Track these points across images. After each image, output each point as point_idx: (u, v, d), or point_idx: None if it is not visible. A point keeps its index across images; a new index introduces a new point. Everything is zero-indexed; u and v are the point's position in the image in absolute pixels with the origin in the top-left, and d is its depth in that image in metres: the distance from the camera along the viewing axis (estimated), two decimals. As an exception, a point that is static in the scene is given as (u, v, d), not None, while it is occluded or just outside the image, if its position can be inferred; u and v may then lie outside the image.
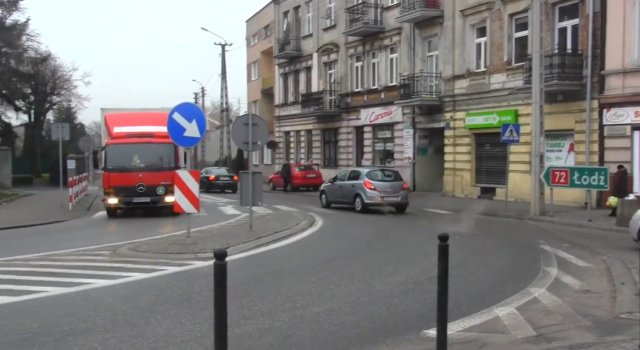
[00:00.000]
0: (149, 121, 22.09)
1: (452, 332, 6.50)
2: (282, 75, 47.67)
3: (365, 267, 11.03)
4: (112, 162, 20.87)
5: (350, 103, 38.48)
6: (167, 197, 20.27)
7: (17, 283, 9.43)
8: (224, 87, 52.64)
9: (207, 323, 7.00)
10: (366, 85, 36.92)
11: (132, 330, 6.84)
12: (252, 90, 57.04)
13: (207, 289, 8.83)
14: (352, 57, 38.29)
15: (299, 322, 7.19)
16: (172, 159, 21.08)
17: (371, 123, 36.33)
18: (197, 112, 13.94)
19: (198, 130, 13.58)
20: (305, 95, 42.40)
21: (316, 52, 41.80)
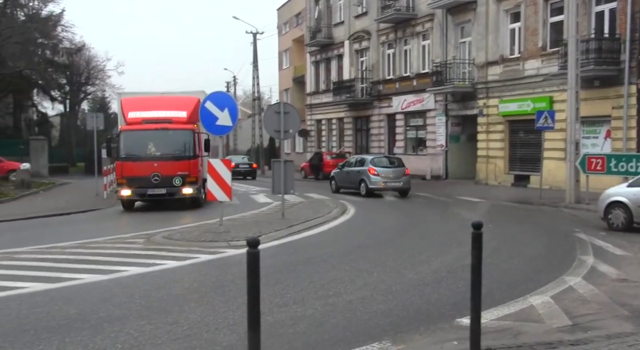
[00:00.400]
0: (166, 106, 20.51)
1: (486, 320, 6.44)
2: (313, 63, 47.59)
3: (398, 256, 10.99)
4: (125, 150, 19.52)
5: (382, 91, 38.26)
6: (185, 188, 19.26)
7: (54, 270, 9.61)
8: (256, 76, 52.70)
9: (240, 310, 7.05)
10: (398, 72, 36.65)
11: (167, 317, 6.92)
12: (284, 78, 57.09)
13: (239, 277, 8.89)
14: (383, 44, 38.01)
15: (331, 310, 7.19)
16: (190, 147, 19.53)
17: (403, 111, 36.09)
18: (229, 101, 13.99)
19: (230, 119, 13.64)
20: (336, 83, 42.28)
21: (348, 40, 41.60)
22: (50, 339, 6.09)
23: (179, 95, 21.29)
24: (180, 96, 21.15)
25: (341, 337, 6.19)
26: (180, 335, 6.23)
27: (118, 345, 5.89)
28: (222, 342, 6.02)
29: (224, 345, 5.92)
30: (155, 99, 21.30)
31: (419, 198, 23.59)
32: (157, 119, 19.80)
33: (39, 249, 11.89)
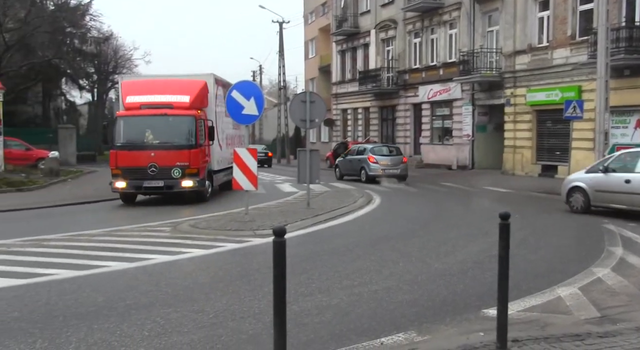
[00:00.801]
0: (167, 89, 18.63)
1: (513, 311, 6.37)
2: (339, 53, 47.42)
3: (423, 246, 10.93)
4: (120, 138, 17.91)
5: (408, 80, 38.01)
6: (185, 181, 17.68)
7: (82, 258, 9.73)
8: (282, 65, 52.72)
9: (266, 299, 7.07)
10: (424, 61, 36.37)
11: (193, 305, 6.96)
12: (310, 67, 57.02)
13: (265, 266, 8.94)
14: (410, 33, 37.72)
15: (356, 300, 7.18)
16: (192, 135, 17.77)
17: (429, 100, 35.84)
18: (256, 90, 13.99)
19: (256, 108, 13.65)
20: (362, 73, 42.11)
21: (374, 29, 41.36)
22: (78, 326, 6.16)
23: (184, 79, 19.65)
24: (184, 79, 19.50)
25: (367, 327, 6.17)
26: (206, 324, 6.26)
27: (145, 333, 5.95)
28: (247, 331, 6.04)
29: (250, 334, 5.95)
30: (157, 82, 19.42)
31: (444, 188, 23.44)
32: (156, 104, 18.09)
33: (67, 237, 12.04)
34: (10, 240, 11.55)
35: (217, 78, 20.40)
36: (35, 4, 39.24)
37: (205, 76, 19.61)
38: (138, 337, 5.81)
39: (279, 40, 51.67)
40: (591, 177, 15.55)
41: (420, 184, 25.15)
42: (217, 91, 20.01)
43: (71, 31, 42.60)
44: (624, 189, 14.51)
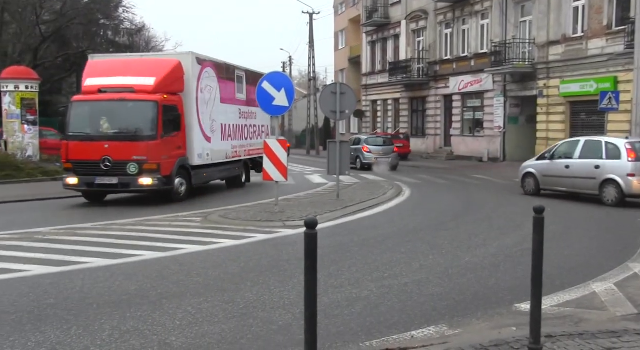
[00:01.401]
0: (131, 70, 16.16)
1: (546, 306, 6.26)
2: (369, 44, 47.17)
3: (454, 238, 10.83)
4: (73, 126, 15.64)
5: (438, 71, 37.68)
6: (143, 178, 15.14)
7: (115, 247, 9.83)
8: (312, 56, 52.61)
9: (296, 291, 7.06)
10: (455, 52, 35.99)
11: (223, 295, 6.99)
12: (340, 59, 56.82)
13: (295, 257, 8.95)
14: (441, 24, 37.34)
15: (387, 292, 7.13)
16: (152, 124, 15.19)
17: (460, 91, 35.49)
18: (286, 81, 13.96)
19: (287, 99, 13.63)
20: (392, 64, 41.85)
21: (404, 20, 41.04)
22: (111, 314, 6.23)
23: (154, 58, 17.66)
24: (153, 59, 17.40)
25: (397, 319, 6.13)
26: (237, 314, 6.28)
27: (176, 322, 5.98)
28: (277, 322, 6.04)
29: (280, 325, 5.94)
30: (121, 63, 17.12)
31: (475, 180, 23.21)
32: (116, 87, 15.71)
33: (100, 226, 12.19)
34: (46, 228, 11.73)
35: (202, 58, 17.46)
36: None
37: (182, 55, 17.04)
38: (170, 326, 5.85)
39: (309, 32, 51.61)
40: (540, 164, 17.78)
41: (451, 176, 24.94)
42: (202, 73, 17.16)
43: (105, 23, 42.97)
44: (565, 174, 16.77)
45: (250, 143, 21.12)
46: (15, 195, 17.36)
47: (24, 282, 7.54)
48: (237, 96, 19.92)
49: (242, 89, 20.28)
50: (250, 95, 20.21)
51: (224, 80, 18.80)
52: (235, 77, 19.85)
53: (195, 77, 16.84)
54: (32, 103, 25.68)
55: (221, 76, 18.58)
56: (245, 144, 20.67)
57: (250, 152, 21.13)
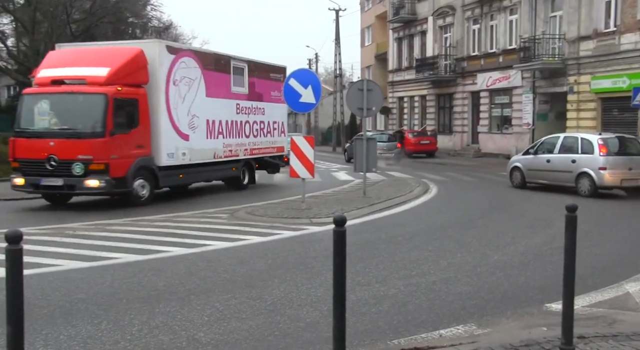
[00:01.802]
0: (86, 60, 14.77)
1: (578, 307, 6.16)
2: (396, 40, 46.95)
3: (482, 236, 10.73)
4: (23, 121, 14.51)
5: (466, 67, 37.36)
6: (89, 179, 13.68)
7: (144, 242, 9.93)
8: (338, 53, 52.51)
9: (323, 288, 7.06)
10: (483, 48, 35.64)
11: (251, 292, 7.00)
12: (366, 55, 56.64)
13: (322, 254, 8.94)
14: (469, 19, 37.01)
15: (414, 290, 7.09)
16: (99, 120, 13.78)
17: (488, 88, 35.15)
18: (313, 78, 13.94)
19: (313, 96, 13.61)
20: (419, 60, 41.61)
21: (431, 16, 40.75)
22: (141, 309, 6.28)
23: (112, 46, 16.19)
24: (111, 47, 16.02)
25: (425, 318, 6.08)
26: (264, 311, 6.29)
27: (205, 318, 6.01)
28: (305, 319, 6.04)
29: (307, 322, 5.94)
30: (80, 52, 15.70)
31: (503, 178, 22.93)
32: (69, 79, 14.46)
33: (129, 221, 12.33)
34: (76, 223, 11.90)
35: (176, 47, 16.57)
36: (99, -5, 40.14)
37: (147, 43, 15.77)
38: (198, 322, 5.88)
39: (335, 28, 51.48)
40: (525, 158, 19.21)
41: (478, 174, 24.73)
42: (175, 64, 15.47)
43: (133, 21, 43.40)
44: (546, 167, 18.18)
45: (256, 141, 19.39)
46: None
47: (56, 276, 7.65)
48: (234, 90, 18.13)
49: (242, 81, 18.52)
50: (255, 88, 19.22)
51: (212, 71, 17.02)
52: (232, 69, 18.02)
53: (165, 68, 15.09)
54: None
55: (208, 67, 16.82)
56: (247, 143, 18.86)
57: (254, 151, 19.43)
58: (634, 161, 16.76)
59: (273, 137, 20.35)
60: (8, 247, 3.27)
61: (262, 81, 19.68)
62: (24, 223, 11.72)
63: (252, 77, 19.05)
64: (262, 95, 19.71)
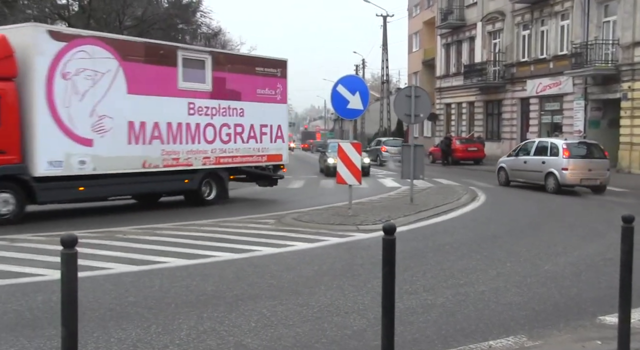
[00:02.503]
0: None
1: (634, 320, 5.96)
2: (444, 46, 46.58)
3: (532, 246, 10.51)
4: None
5: (515, 74, 36.79)
6: None
7: (192, 247, 10.04)
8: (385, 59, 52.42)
9: (370, 295, 7.02)
10: (533, 54, 35.05)
11: (297, 298, 7.01)
12: (413, 61, 56.34)
13: (369, 262, 8.90)
14: (518, 25, 36.46)
15: (463, 300, 6.98)
16: None
17: (538, 94, 34.54)
18: (361, 85, 13.91)
19: (361, 102, 13.57)
20: (467, 66, 41.17)
21: (480, 21, 40.30)
22: (189, 314, 6.34)
23: None
24: None
25: (474, 328, 5.98)
26: (311, 318, 6.28)
27: (252, 324, 6.04)
28: (352, 326, 6.00)
29: (354, 330, 5.91)
30: None
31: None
32: None
33: (177, 226, 12.49)
34: (126, 227, 12.12)
35: (66, 33, 13.70)
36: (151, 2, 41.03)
37: (19, 29, 13.25)
38: (245, 328, 5.91)
39: (382, 34, 51.49)
40: (508, 160, 22.17)
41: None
42: (67, 53, 12.93)
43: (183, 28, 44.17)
44: (523, 168, 21.09)
45: (228, 148, 16.33)
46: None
47: (107, 279, 7.80)
48: (184, 86, 15.24)
49: (200, 76, 15.62)
50: (227, 85, 16.29)
51: (140, 63, 14.31)
52: (179, 61, 15.15)
53: (48, 58, 12.64)
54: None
55: (132, 58, 14.12)
56: (209, 150, 15.83)
57: (225, 160, 16.37)
58: (594, 163, 19.56)
59: (260, 143, 17.18)
60: (64, 250, 3.34)
61: (240, 77, 16.58)
62: (74, 227, 11.96)
63: (220, 71, 16.11)
64: (239, 93, 16.58)
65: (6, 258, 8.95)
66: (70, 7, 39.85)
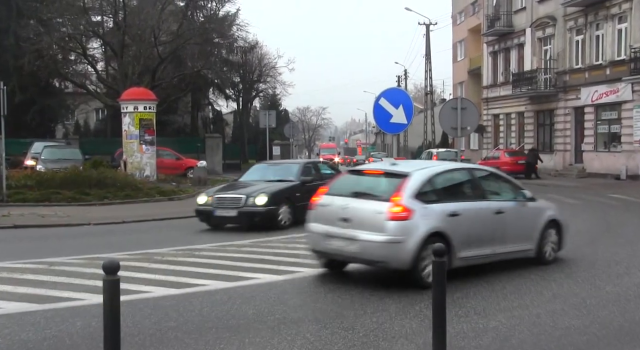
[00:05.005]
0: None
1: None
2: (491, 54, 46.22)
3: (591, 265, 10.31)
4: None
5: (568, 81, 36.25)
6: None
7: (232, 269, 10.13)
8: (428, 69, 52.26)
9: (418, 319, 6.99)
10: (588, 61, 34.49)
11: (342, 322, 7.01)
12: (458, 71, 56.08)
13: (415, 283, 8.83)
14: (571, 30, 35.98)
15: (517, 324, 6.89)
16: None
17: (593, 103, 33.93)
18: (404, 97, 13.96)
19: (405, 116, 13.59)
20: (516, 75, 40.72)
21: (529, 27, 39.91)
22: (230, 339, 6.41)
23: None
24: None
25: (530, 354, 5.90)
26: (357, 342, 6.28)
27: (295, 349, 6.06)
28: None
29: (403, 356, 5.88)
30: None
31: (613, 200, 22.02)
32: None
33: (216, 247, 12.61)
34: (165, 249, 12.29)
35: None
36: (186, 16, 41.86)
37: None
38: (289, 354, 5.94)
39: (425, 43, 51.41)
40: None
41: (584, 196, 23.81)
42: None
43: (219, 41, 44.91)
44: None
45: None
46: (136, 215, 18.27)
47: (145, 303, 7.93)
48: None
49: None
50: None
51: None
52: None
53: None
54: (150, 123, 27.18)
55: None
56: None
57: None
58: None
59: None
60: (106, 277, 3.43)
61: None
62: (110, 249, 12.16)
63: None
64: None
65: (45, 282, 9.15)
66: (105, 24, 40.87)
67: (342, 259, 9.41)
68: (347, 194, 9.22)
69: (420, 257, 8.42)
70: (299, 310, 7.58)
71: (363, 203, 8.92)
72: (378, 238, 8.46)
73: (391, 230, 8.42)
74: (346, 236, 8.75)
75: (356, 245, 8.68)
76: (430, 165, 10.22)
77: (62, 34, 37.46)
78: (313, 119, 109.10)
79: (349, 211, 8.83)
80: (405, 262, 8.45)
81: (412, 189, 8.71)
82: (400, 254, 8.43)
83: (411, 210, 8.50)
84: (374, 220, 8.57)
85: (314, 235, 9.50)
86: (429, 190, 9.02)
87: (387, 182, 9.21)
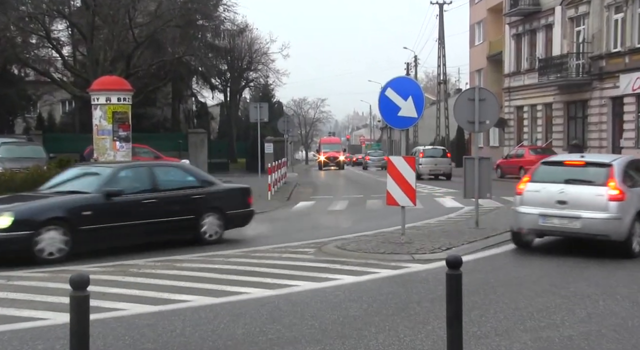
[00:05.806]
0: None
1: None
2: (513, 37, 46.32)
3: (631, 280, 10.38)
4: None
5: (604, 67, 36.29)
6: None
7: (218, 282, 10.15)
8: (442, 55, 52.41)
9: (430, 340, 7.00)
10: (628, 43, 34.44)
11: (344, 343, 7.03)
12: (476, 56, 56.15)
13: (426, 298, 8.90)
14: (609, 7, 35.94)
15: (545, 346, 6.92)
16: None
17: (634, 92, 33.93)
18: (414, 88, 13.91)
19: (415, 109, 13.57)
20: (543, 61, 40.80)
21: (559, 5, 39.98)
22: (216, 362, 6.42)
23: None
24: None
25: (559, 381, 5.92)
26: (361, 367, 6.29)
27: (290, 374, 6.08)
28: (410, 378, 6.00)
29: (413, 382, 5.90)
30: None
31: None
32: None
33: (200, 258, 12.63)
34: (142, 260, 12.30)
35: None
36: (167, -4, 41.77)
37: None
38: (283, 380, 5.95)
39: (438, 25, 51.56)
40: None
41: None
42: None
43: (203, 24, 44.80)
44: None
45: None
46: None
47: (119, 322, 7.94)
48: None
49: None
50: None
51: None
52: None
53: None
54: (125, 117, 27.09)
55: None
56: None
57: None
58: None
59: None
60: (73, 293, 3.43)
61: None
62: (79, 260, 12.10)
63: None
64: None
65: (1, 299, 9.14)
66: (71, 3, 40.69)
67: (561, 235, 12.84)
68: (558, 181, 12.38)
69: (632, 232, 11.84)
70: (294, 330, 7.59)
71: (579, 188, 12.20)
72: (601, 216, 11.74)
73: (612, 209, 11.69)
74: (568, 216, 11.95)
75: (579, 223, 11.89)
76: (619, 157, 14.08)
77: (21, 14, 37.22)
78: (310, 112, 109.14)
79: (566, 195, 12.02)
80: (622, 235, 11.79)
81: (620, 176, 12.04)
82: (619, 228, 11.72)
83: (625, 192, 11.82)
84: (595, 202, 11.82)
85: (527, 216, 12.51)
86: (627, 177, 12.36)
87: (594, 170, 12.55)
